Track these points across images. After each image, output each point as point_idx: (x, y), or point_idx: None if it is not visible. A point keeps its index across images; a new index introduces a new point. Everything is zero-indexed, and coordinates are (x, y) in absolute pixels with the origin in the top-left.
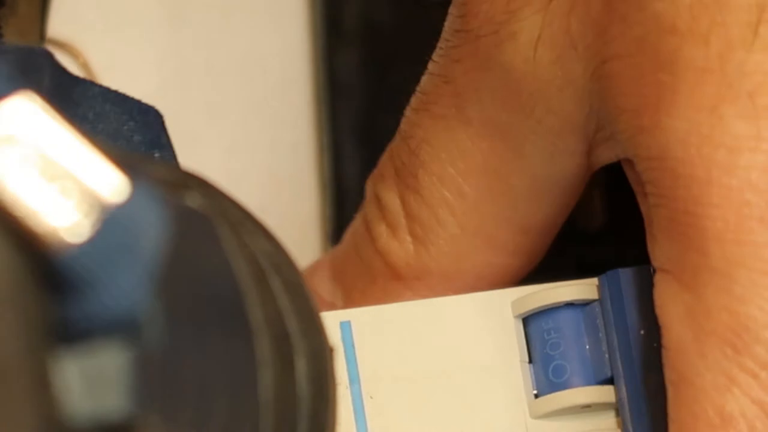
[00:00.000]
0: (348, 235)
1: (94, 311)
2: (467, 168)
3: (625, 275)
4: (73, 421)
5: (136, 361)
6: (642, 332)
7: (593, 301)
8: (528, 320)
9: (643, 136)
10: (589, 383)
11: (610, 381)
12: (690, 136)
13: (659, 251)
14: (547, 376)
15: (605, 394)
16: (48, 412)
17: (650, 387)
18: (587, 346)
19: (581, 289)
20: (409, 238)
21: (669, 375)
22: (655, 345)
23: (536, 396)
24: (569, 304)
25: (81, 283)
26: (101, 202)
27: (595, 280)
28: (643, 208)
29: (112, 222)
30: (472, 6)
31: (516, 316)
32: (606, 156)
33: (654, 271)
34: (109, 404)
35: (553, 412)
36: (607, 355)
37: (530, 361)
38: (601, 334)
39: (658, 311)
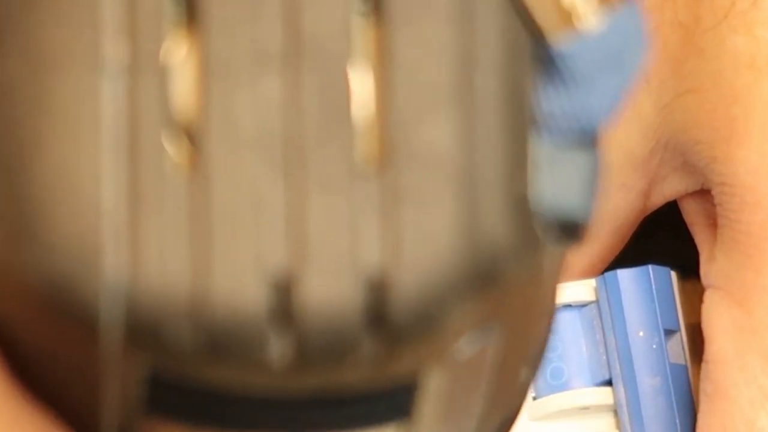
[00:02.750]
0: None
1: (573, 111)
2: None
3: (624, 276)
4: (538, 202)
5: (595, 173)
6: (641, 334)
7: (590, 302)
8: None
9: (715, 165)
10: (587, 385)
11: (608, 383)
12: (760, 167)
13: (716, 270)
14: (545, 378)
15: (603, 395)
16: (520, 180)
17: (649, 389)
18: (585, 348)
19: (579, 290)
20: None
21: (705, 387)
22: (654, 347)
23: (534, 398)
24: (566, 306)
25: (570, 80)
26: (603, 7)
27: (592, 281)
28: (698, 239)
29: (611, 28)
30: None
31: None
32: (665, 192)
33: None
34: (573, 201)
35: (552, 413)
36: (605, 357)
37: None
38: (598, 336)
39: (704, 325)
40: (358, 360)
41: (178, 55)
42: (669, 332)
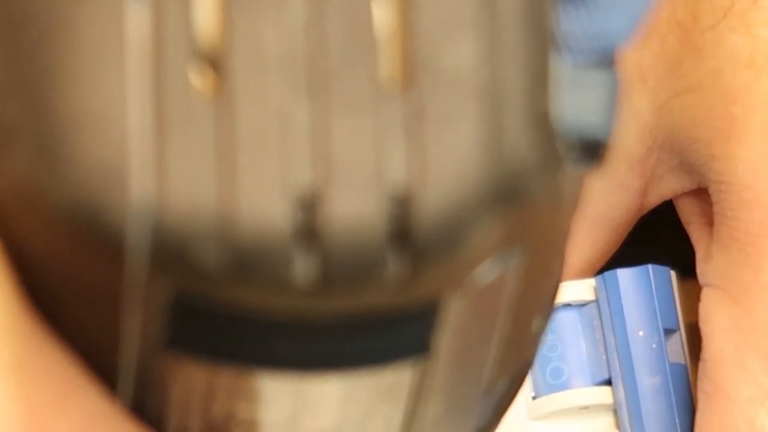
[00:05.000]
0: None
1: (593, 32)
2: None
3: (624, 276)
4: (559, 121)
5: (614, 93)
6: (641, 333)
7: (590, 301)
8: None
9: (713, 163)
10: (586, 384)
11: (607, 382)
12: (758, 165)
13: (713, 269)
14: (545, 377)
15: (603, 395)
16: (543, 98)
17: (649, 388)
18: (584, 348)
19: (578, 289)
20: None
21: (703, 386)
22: (653, 346)
23: (534, 398)
24: (566, 305)
25: (590, 0)
26: None
27: (592, 281)
28: (694, 238)
29: None
30: None
31: None
32: (662, 191)
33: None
34: (593, 120)
35: (551, 413)
36: (604, 357)
37: None
38: (598, 335)
39: (702, 324)
40: (382, 279)
41: None
42: (668, 332)
